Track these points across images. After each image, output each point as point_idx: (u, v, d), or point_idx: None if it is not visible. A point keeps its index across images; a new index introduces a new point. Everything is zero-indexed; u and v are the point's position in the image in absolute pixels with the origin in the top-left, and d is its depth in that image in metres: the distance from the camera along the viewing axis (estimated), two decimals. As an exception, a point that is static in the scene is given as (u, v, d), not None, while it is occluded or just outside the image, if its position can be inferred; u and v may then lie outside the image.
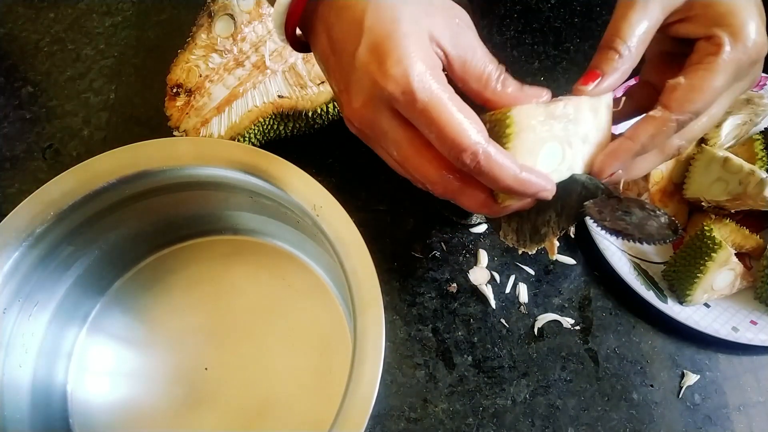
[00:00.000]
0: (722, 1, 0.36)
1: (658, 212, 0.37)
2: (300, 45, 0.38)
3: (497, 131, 0.35)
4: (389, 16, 0.32)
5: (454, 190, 0.36)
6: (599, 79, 0.37)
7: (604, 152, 0.38)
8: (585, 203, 0.38)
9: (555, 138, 0.36)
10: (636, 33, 0.37)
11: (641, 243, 0.37)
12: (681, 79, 0.36)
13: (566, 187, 0.39)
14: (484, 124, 0.34)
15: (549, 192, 0.36)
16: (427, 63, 0.32)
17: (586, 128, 0.37)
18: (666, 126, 0.37)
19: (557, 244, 0.50)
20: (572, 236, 0.46)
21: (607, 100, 0.38)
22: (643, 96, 0.43)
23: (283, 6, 0.35)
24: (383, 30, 0.32)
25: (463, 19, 0.35)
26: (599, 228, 0.38)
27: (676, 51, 0.40)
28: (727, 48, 0.36)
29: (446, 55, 0.34)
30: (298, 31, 0.38)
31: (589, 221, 0.41)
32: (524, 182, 0.34)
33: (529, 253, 0.45)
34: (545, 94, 0.37)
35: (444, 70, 0.34)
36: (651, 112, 0.37)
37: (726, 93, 0.38)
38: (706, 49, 0.36)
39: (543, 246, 0.44)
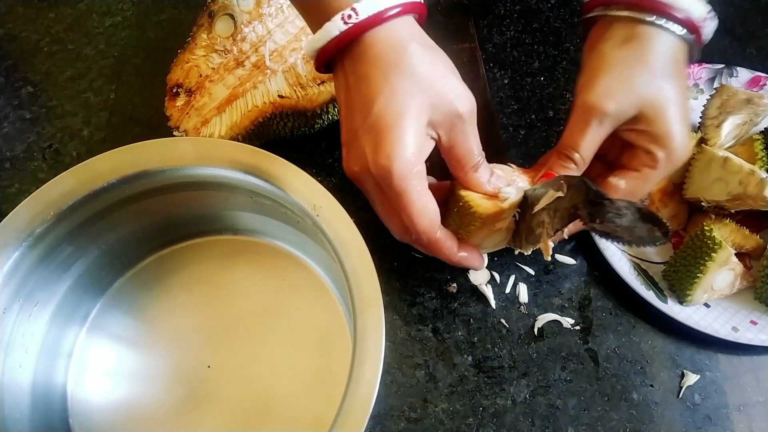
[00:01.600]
0: (663, 123, 0.44)
1: (648, 214, 0.37)
2: (326, 68, 0.44)
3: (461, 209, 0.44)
4: (396, 109, 0.39)
5: (411, 243, 0.46)
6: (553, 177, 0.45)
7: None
8: (576, 205, 0.38)
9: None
10: (588, 146, 0.45)
11: (631, 245, 0.38)
12: (622, 183, 0.46)
13: (560, 188, 0.39)
14: (458, 198, 0.44)
15: (479, 267, 0.48)
16: (412, 158, 0.40)
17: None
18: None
19: (551, 244, 0.51)
20: (565, 237, 0.47)
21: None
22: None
23: (314, 49, 0.42)
24: (386, 122, 0.39)
25: (464, 111, 0.41)
26: (590, 230, 0.38)
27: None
28: (662, 164, 0.45)
29: (440, 138, 0.42)
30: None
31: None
32: (461, 260, 0.46)
33: (525, 253, 0.45)
34: (503, 186, 0.45)
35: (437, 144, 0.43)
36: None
37: None
38: (644, 161, 0.45)
39: (538, 246, 0.44)
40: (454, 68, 0.42)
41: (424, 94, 0.40)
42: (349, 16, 0.39)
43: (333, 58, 0.42)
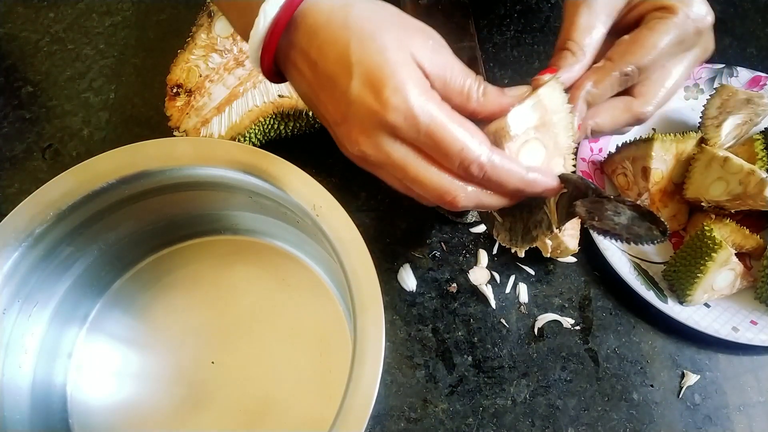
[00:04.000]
0: None
1: (646, 213, 0.38)
2: (279, 76, 0.39)
3: (499, 141, 0.38)
4: (375, 46, 0.34)
5: (470, 198, 0.37)
6: (556, 72, 0.40)
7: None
8: (575, 203, 0.38)
9: (539, 140, 0.39)
10: (584, 30, 0.40)
11: (629, 243, 0.38)
12: (626, 36, 0.40)
13: None
14: (488, 135, 0.36)
15: (554, 189, 0.38)
16: (420, 87, 0.34)
17: (557, 131, 0.40)
18: (609, 74, 0.40)
19: (550, 242, 0.51)
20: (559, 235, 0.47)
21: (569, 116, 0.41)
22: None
23: (257, 42, 0.36)
24: (373, 62, 0.34)
25: (436, 39, 0.36)
26: (589, 228, 0.39)
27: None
28: (678, 15, 0.39)
29: (427, 76, 0.35)
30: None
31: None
32: (531, 182, 0.37)
33: (519, 254, 0.45)
34: (525, 90, 0.39)
35: None
36: (596, 65, 0.41)
37: (675, 61, 0.42)
38: (653, 15, 0.40)
39: (534, 246, 0.44)
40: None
41: (393, 29, 0.35)
42: None
43: (279, 54, 0.37)
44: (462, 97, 0.36)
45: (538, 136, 0.39)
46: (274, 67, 0.38)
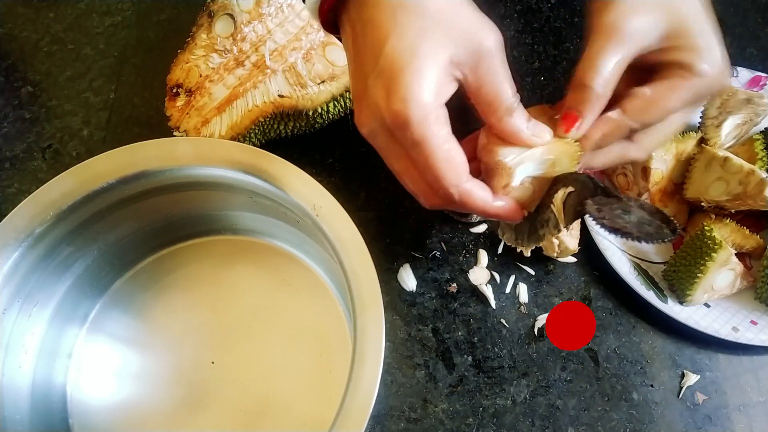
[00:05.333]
0: (699, 34, 0.38)
1: (656, 211, 0.37)
2: (334, 28, 0.40)
3: (496, 173, 0.39)
4: (409, 47, 0.34)
5: (440, 205, 0.39)
6: (579, 122, 0.39)
7: None
8: (585, 202, 0.38)
9: (532, 184, 0.41)
10: (609, 74, 0.38)
11: (640, 241, 0.38)
12: (647, 90, 0.38)
13: (565, 186, 0.39)
14: (491, 153, 0.38)
15: (517, 218, 0.41)
16: (430, 100, 0.35)
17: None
18: (619, 129, 0.39)
19: (556, 242, 0.51)
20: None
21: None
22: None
23: (315, 1, 0.38)
24: (398, 63, 0.34)
25: (489, 44, 0.36)
26: (598, 226, 0.38)
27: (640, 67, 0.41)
28: (698, 76, 0.38)
29: (465, 79, 0.36)
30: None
31: (588, 220, 0.41)
32: (498, 212, 0.39)
33: (525, 254, 0.45)
34: (546, 135, 0.39)
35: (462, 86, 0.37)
36: (609, 113, 0.39)
37: (680, 114, 0.41)
38: (676, 72, 0.38)
39: (540, 245, 0.44)
40: (471, 1, 0.37)
41: (440, 29, 0.35)
42: None
43: (336, 9, 0.38)
44: (488, 109, 0.37)
45: (533, 183, 0.40)
46: (331, 18, 0.39)
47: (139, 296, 0.52)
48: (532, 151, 0.38)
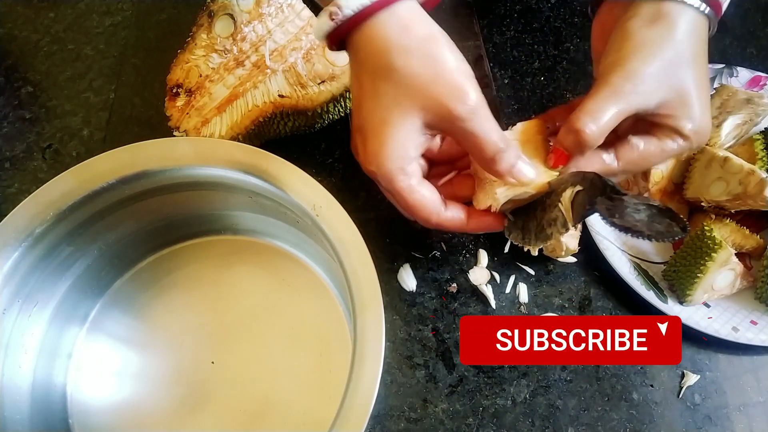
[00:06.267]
0: (691, 107, 0.41)
1: (665, 209, 0.38)
2: (339, 47, 0.42)
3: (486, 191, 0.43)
4: (381, 117, 0.39)
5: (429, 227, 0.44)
6: (567, 161, 0.42)
7: None
8: (595, 200, 0.38)
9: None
10: (606, 125, 0.40)
11: (651, 240, 0.38)
12: (640, 144, 0.42)
13: (573, 184, 0.39)
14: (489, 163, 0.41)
15: (498, 228, 0.44)
16: (398, 161, 0.39)
17: None
18: (607, 170, 0.43)
19: (564, 241, 0.51)
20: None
21: None
22: None
23: (323, 32, 0.40)
24: (371, 127, 0.39)
25: (461, 110, 0.38)
26: (609, 225, 0.38)
27: None
28: (686, 142, 0.42)
29: (444, 135, 0.43)
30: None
31: (596, 218, 0.42)
32: (475, 230, 0.44)
33: (533, 252, 0.44)
34: (533, 174, 0.42)
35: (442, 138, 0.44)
36: (603, 155, 0.43)
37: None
38: (668, 134, 0.42)
39: (547, 244, 0.44)
40: (451, 59, 0.39)
41: (413, 98, 0.38)
42: (336, 14, 0.38)
43: (342, 44, 0.41)
44: (474, 155, 0.41)
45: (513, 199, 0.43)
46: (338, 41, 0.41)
47: (139, 296, 0.52)
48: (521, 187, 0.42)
